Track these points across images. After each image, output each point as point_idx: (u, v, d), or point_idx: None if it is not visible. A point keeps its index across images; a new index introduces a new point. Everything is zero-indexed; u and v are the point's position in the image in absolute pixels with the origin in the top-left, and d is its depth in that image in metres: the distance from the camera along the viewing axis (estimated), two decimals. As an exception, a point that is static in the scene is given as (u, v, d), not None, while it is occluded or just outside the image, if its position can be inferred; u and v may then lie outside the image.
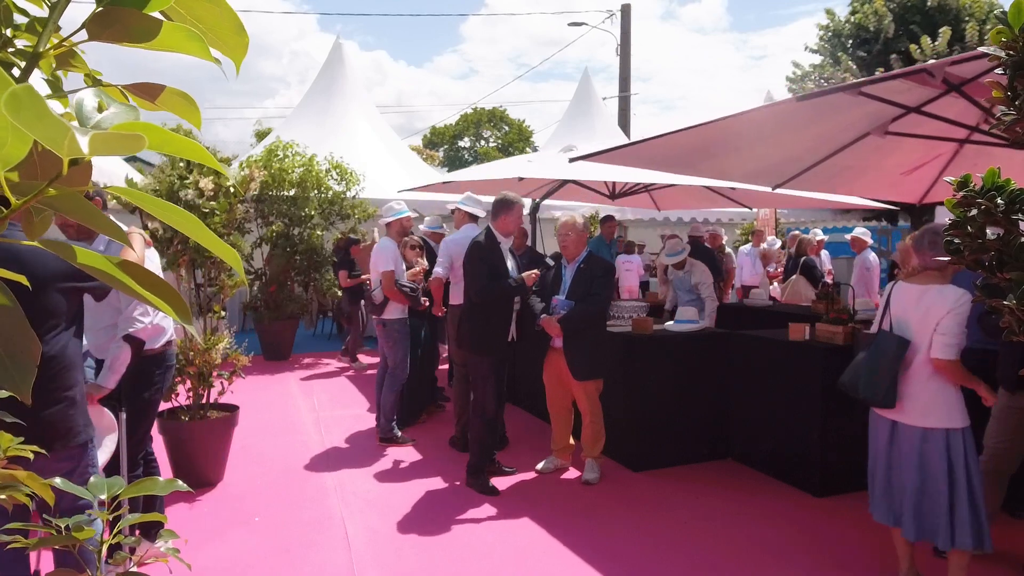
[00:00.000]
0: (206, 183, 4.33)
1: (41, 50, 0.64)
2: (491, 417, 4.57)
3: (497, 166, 8.85)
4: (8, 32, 0.76)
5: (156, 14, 0.62)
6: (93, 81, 0.78)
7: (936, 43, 11.05)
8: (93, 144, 0.46)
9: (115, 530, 1.52)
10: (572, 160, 5.79)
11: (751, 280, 10.12)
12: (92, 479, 1.36)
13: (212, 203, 4.41)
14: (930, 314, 3.02)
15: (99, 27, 0.62)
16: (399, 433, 5.57)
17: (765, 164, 5.53)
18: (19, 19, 0.79)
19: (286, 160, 9.72)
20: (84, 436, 2.56)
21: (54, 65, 0.74)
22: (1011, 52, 1.94)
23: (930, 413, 3.04)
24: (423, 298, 5.70)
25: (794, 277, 8.53)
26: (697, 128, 4.37)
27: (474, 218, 5.58)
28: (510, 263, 4.64)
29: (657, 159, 5.34)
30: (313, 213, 9.72)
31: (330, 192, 9.92)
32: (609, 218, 9.16)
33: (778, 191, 6.29)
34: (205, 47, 0.63)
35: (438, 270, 5.49)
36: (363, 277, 8.58)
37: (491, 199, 4.82)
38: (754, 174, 5.86)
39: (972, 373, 3.04)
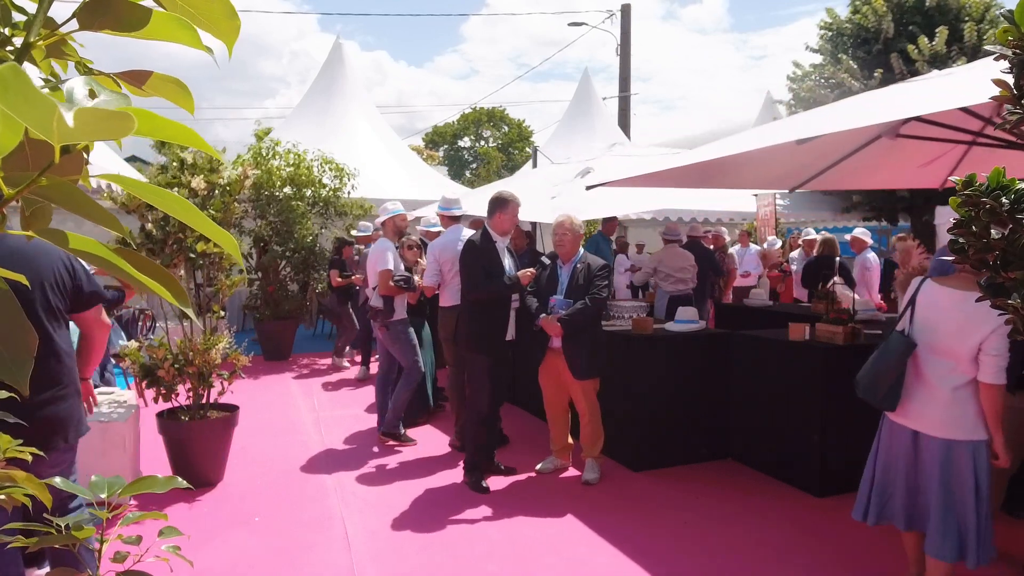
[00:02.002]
0: (198, 182, 4.29)
1: (32, 40, 0.63)
2: (485, 417, 4.56)
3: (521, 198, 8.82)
4: (6, 31, 0.76)
5: (148, 3, 0.62)
6: (84, 69, 0.78)
7: (934, 43, 11.02)
8: (78, 119, 0.46)
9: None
10: (590, 188, 5.83)
11: (739, 281, 10.13)
12: (93, 477, 1.37)
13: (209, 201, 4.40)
14: (971, 326, 2.79)
15: (90, 16, 0.61)
16: (404, 431, 5.56)
17: (777, 174, 5.61)
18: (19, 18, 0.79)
19: (275, 158, 9.65)
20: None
21: (45, 54, 0.74)
22: (1018, 51, 1.92)
23: (958, 424, 2.87)
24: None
25: (836, 279, 8.34)
26: (708, 150, 4.50)
27: (455, 219, 5.53)
28: (507, 262, 4.62)
29: (674, 178, 5.41)
30: (305, 211, 9.64)
31: (324, 190, 9.87)
32: (612, 216, 9.15)
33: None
34: (196, 35, 0.62)
35: (428, 280, 5.47)
36: (354, 278, 8.55)
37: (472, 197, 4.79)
38: (770, 182, 5.93)
39: None
